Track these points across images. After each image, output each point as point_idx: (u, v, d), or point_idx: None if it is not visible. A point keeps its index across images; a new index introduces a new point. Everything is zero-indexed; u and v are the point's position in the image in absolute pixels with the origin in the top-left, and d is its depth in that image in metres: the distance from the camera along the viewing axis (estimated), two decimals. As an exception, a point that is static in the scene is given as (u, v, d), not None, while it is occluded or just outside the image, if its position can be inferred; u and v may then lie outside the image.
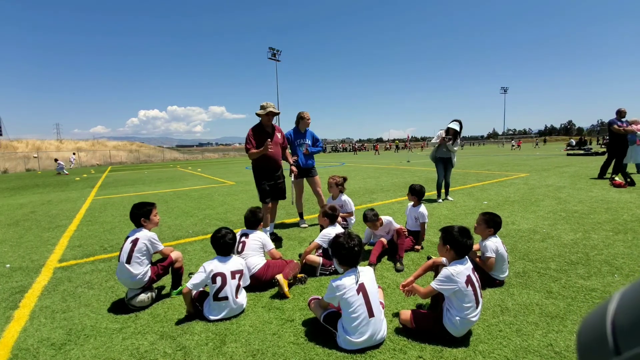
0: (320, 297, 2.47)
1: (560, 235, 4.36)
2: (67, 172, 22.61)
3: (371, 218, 3.82)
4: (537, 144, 54.27)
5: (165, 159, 48.00)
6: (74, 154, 36.37)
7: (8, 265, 4.09)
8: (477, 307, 2.18)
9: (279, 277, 2.93)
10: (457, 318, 2.14)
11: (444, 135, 6.78)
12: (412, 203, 4.31)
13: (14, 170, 30.02)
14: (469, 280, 2.16)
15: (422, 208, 4.17)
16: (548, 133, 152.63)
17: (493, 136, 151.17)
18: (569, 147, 27.63)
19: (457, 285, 2.12)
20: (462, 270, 2.18)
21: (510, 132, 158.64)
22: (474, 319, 2.17)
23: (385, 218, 3.93)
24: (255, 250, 3.23)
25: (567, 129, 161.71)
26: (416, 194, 4.22)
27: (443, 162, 7.10)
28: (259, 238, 3.28)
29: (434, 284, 2.22)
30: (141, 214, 2.93)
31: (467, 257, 2.28)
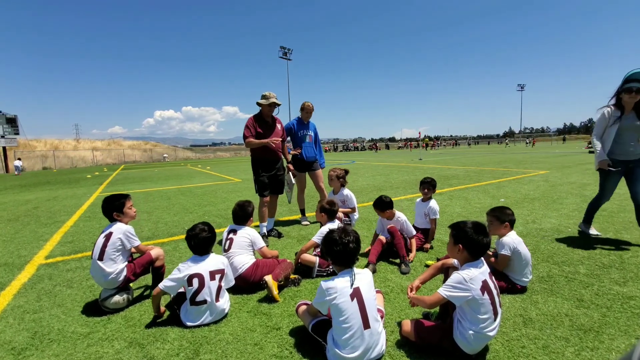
0: (309, 303, 2.13)
1: (589, 236, 3.90)
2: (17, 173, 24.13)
3: (380, 204, 3.46)
4: (527, 143, 54.03)
5: (178, 157, 48.55)
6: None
7: (-6, 261, 3.91)
8: (495, 319, 1.80)
9: (268, 278, 2.61)
10: (471, 332, 1.77)
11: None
12: (420, 198, 3.93)
13: (32, 169, 30.79)
14: (485, 287, 1.78)
15: (433, 203, 3.80)
16: (567, 131, 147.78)
17: (509, 135, 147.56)
18: (590, 145, 26.44)
19: (470, 292, 1.75)
20: (477, 274, 1.80)
21: (528, 131, 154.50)
22: (491, 334, 1.79)
23: (399, 215, 3.55)
24: (244, 248, 2.91)
25: (588, 127, 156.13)
26: (431, 187, 3.83)
27: (625, 169, 3.60)
28: (248, 235, 2.96)
29: (442, 291, 1.84)
30: (113, 207, 2.65)
31: (482, 259, 1.91)
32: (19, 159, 26.63)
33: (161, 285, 2.26)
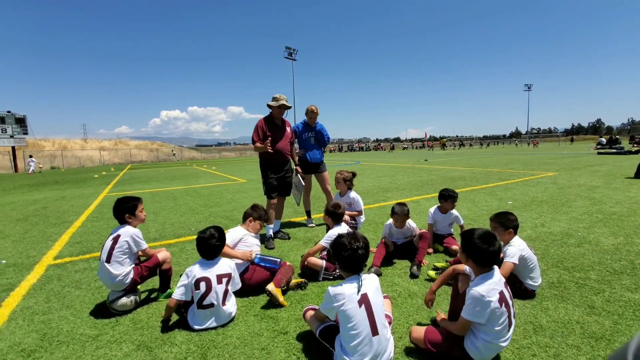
0: (317, 307, 2.12)
1: (599, 240, 3.85)
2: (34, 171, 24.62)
3: (399, 211, 3.41)
4: (528, 144, 54.41)
5: (184, 157, 48.84)
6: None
7: (4, 261, 3.96)
8: (509, 330, 1.77)
9: (271, 287, 2.58)
10: (483, 342, 1.74)
11: None
12: (436, 206, 3.85)
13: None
14: (502, 299, 1.74)
15: (456, 211, 3.84)
16: (575, 132, 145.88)
17: (516, 135, 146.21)
18: (599, 146, 26.05)
19: (490, 306, 1.72)
20: (492, 287, 1.76)
21: (535, 131, 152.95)
22: (503, 344, 1.76)
23: (411, 223, 3.54)
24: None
25: (596, 128, 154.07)
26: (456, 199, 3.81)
27: None
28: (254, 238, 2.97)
29: (465, 315, 1.79)
30: (124, 209, 2.66)
31: (495, 267, 1.87)
32: (31, 156, 26.82)
33: (176, 296, 2.28)
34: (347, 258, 1.90)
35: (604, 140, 27.03)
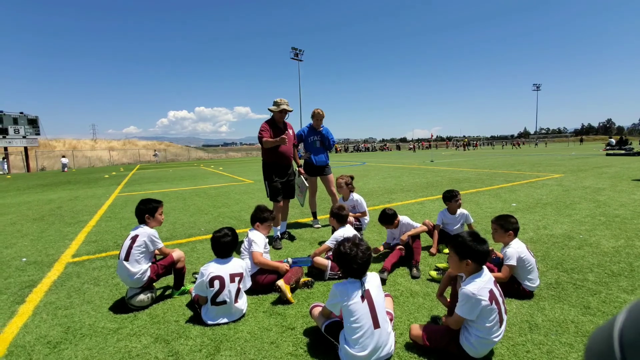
0: (322, 305, 2.26)
1: (600, 242, 3.91)
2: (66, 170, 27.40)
3: (385, 219, 3.58)
4: (537, 144, 52.83)
5: (191, 158, 49.36)
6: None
7: (24, 259, 4.16)
8: (500, 326, 1.89)
9: (280, 283, 2.73)
10: (477, 338, 1.86)
11: None
12: (445, 209, 3.97)
13: (52, 168, 31.78)
14: (492, 297, 1.86)
15: (464, 210, 3.97)
16: (585, 132, 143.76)
17: (524, 136, 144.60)
18: (608, 147, 25.74)
19: (480, 303, 1.84)
20: (483, 285, 1.89)
21: (543, 132, 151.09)
22: (496, 339, 1.88)
23: (402, 218, 3.66)
24: (247, 250, 3.06)
25: (606, 128, 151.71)
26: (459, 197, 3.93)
27: None
28: (250, 237, 3.10)
29: (458, 312, 1.92)
30: (146, 210, 2.85)
31: (484, 267, 1.99)
32: (64, 156, 29.80)
33: (200, 293, 2.50)
34: (350, 266, 2.00)
35: (613, 141, 26.69)
